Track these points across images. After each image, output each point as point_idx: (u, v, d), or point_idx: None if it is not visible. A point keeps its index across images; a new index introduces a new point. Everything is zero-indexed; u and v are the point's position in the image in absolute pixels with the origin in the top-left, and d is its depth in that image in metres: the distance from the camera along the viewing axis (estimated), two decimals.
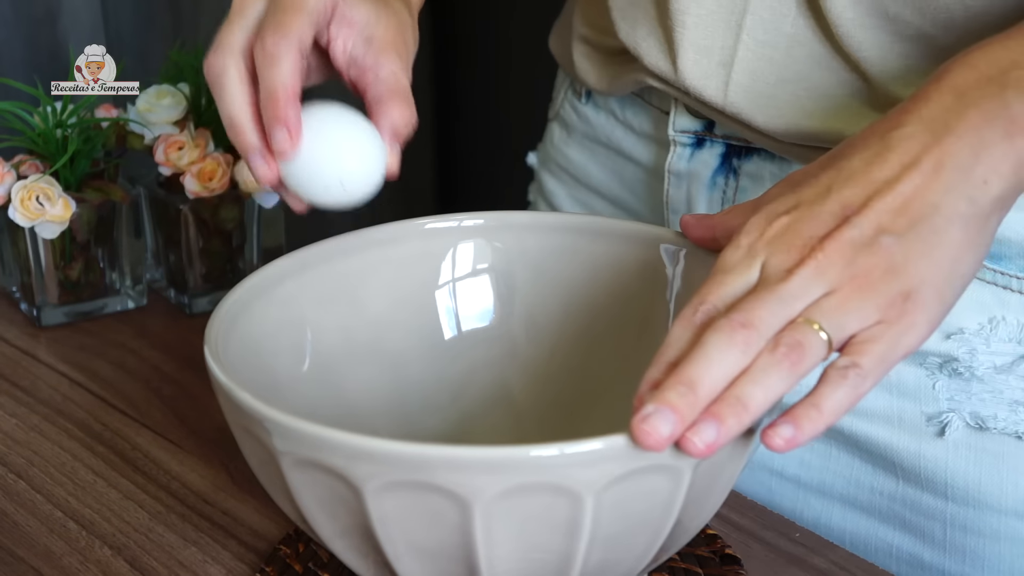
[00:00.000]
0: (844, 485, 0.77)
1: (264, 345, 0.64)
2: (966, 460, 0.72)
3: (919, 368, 0.72)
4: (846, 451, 0.76)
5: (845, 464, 0.76)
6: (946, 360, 0.71)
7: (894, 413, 0.73)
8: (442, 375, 0.70)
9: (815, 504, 0.78)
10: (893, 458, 0.74)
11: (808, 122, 0.71)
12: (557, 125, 0.93)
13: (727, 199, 0.77)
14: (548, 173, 0.94)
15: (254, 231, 0.96)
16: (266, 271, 0.66)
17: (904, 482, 0.74)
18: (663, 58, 0.75)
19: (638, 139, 0.84)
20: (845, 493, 0.77)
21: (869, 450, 0.75)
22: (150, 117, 0.94)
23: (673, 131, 0.79)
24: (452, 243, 0.70)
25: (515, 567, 0.53)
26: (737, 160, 0.77)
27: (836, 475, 0.77)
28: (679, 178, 0.79)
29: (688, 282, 0.67)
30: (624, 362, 0.69)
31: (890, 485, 0.75)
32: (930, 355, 0.71)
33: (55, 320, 0.94)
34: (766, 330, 0.51)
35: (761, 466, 0.79)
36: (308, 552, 0.68)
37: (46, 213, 0.89)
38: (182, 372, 0.88)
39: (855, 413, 0.74)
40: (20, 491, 0.75)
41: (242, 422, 0.54)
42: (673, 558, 0.67)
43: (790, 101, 0.71)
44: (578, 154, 0.90)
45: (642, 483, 0.51)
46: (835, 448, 0.76)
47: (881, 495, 0.75)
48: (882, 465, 0.75)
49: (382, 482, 0.50)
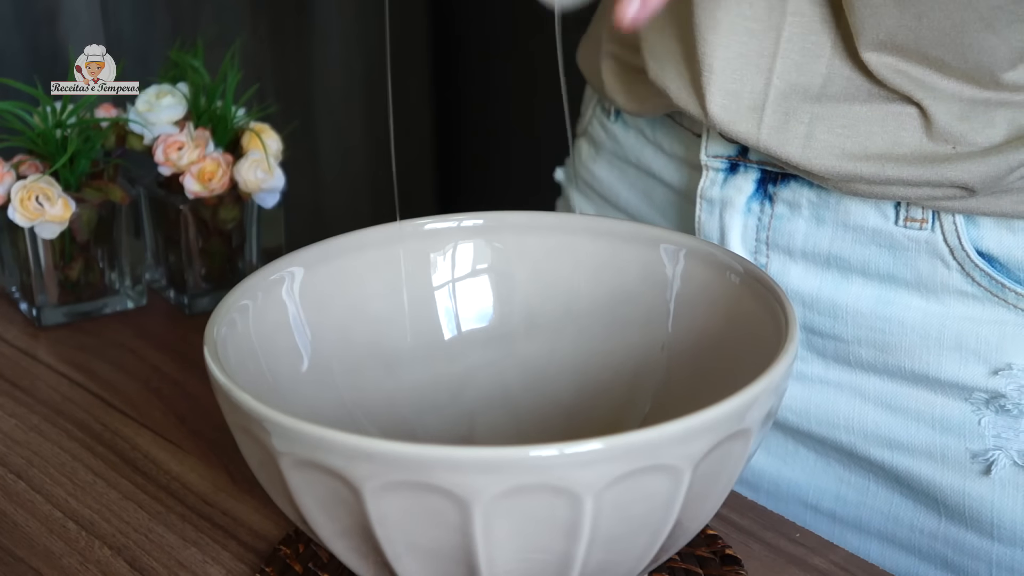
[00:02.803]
0: (882, 521, 0.75)
1: (264, 345, 0.64)
2: (1013, 499, 0.69)
3: (964, 403, 0.70)
4: (885, 486, 0.74)
5: (884, 500, 0.74)
6: (993, 396, 0.69)
7: (937, 449, 0.71)
8: (442, 375, 0.70)
9: (852, 540, 0.76)
10: (936, 495, 0.72)
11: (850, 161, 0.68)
12: (585, 142, 0.89)
13: (762, 226, 0.74)
14: (576, 190, 0.90)
15: (254, 231, 0.96)
16: (266, 271, 0.66)
17: (947, 520, 0.72)
18: (692, 100, 0.71)
19: (669, 161, 0.81)
20: (883, 529, 0.75)
21: (910, 485, 0.73)
22: (150, 117, 0.94)
23: (706, 156, 0.75)
24: (452, 243, 0.70)
25: (515, 567, 0.53)
26: (773, 186, 0.73)
27: (874, 511, 0.75)
28: (711, 204, 0.75)
29: (688, 282, 0.67)
30: (624, 362, 0.69)
31: (931, 523, 0.73)
32: (976, 390, 0.69)
33: (55, 320, 0.94)
34: None
35: (795, 499, 0.78)
36: (308, 552, 0.68)
37: (46, 213, 0.89)
38: (182, 372, 0.88)
39: (896, 447, 0.72)
40: (20, 491, 0.75)
41: (242, 422, 0.54)
42: (673, 558, 0.67)
43: (828, 139, 0.68)
44: (606, 173, 0.86)
45: (642, 483, 0.51)
46: (873, 483, 0.74)
47: (922, 532, 0.73)
48: (923, 501, 0.73)
49: (381, 482, 0.50)
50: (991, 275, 0.68)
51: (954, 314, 0.69)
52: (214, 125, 0.94)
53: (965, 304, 0.69)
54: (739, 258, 0.65)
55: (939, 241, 0.69)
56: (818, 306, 0.73)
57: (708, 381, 0.64)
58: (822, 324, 0.73)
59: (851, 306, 0.72)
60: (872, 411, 0.73)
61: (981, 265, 0.68)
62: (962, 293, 0.69)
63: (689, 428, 0.50)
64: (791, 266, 0.73)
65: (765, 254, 0.74)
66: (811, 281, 0.73)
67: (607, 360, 0.69)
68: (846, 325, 0.72)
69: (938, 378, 0.70)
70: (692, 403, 0.54)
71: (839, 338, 0.73)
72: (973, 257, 0.68)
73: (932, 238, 0.69)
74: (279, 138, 0.95)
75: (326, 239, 0.68)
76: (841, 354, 0.73)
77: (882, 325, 0.71)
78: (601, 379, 0.69)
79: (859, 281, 0.71)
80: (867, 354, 0.72)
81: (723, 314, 0.65)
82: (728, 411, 0.52)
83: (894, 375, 0.72)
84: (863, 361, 0.72)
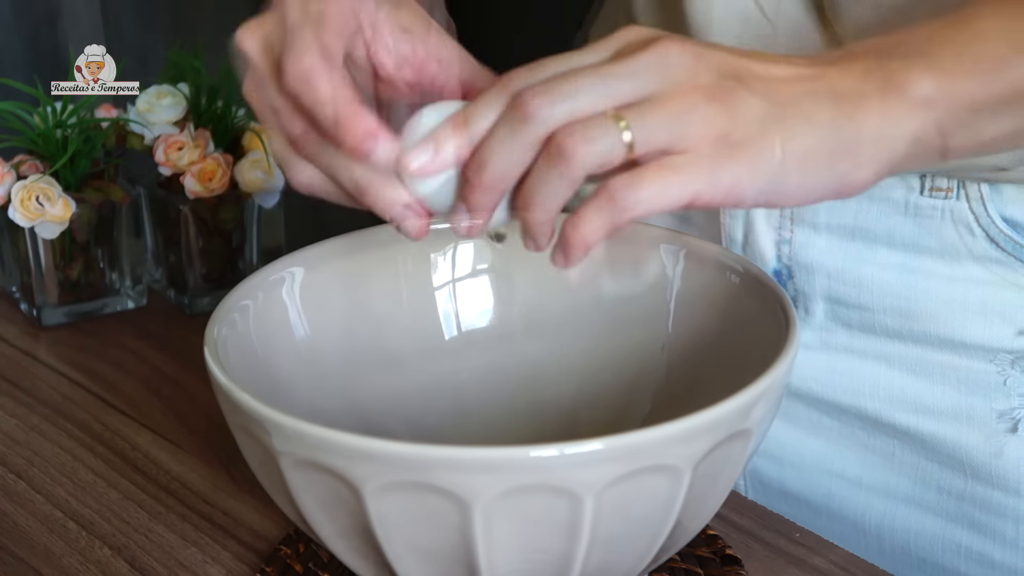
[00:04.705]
0: (908, 485, 0.76)
1: (264, 345, 0.64)
2: None
3: (990, 365, 0.71)
4: (910, 450, 0.75)
5: (909, 464, 0.75)
6: (1018, 356, 0.71)
7: (963, 410, 0.72)
8: (442, 375, 0.70)
9: (878, 506, 0.77)
10: (962, 456, 0.73)
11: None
12: None
13: (784, 227, 0.75)
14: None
15: (254, 231, 0.96)
16: (266, 271, 0.66)
17: (973, 480, 0.73)
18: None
19: None
20: (909, 493, 0.76)
21: (936, 448, 0.74)
22: (150, 117, 0.94)
23: None
24: (452, 243, 0.70)
25: (515, 567, 0.53)
26: None
27: (900, 475, 0.76)
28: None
29: (688, 282, 0.67)
30: (624, 362, 0.69)
31: (958, 484, 0.74)
32: (1001, 352, 0.71)
33: (55, 320, 0.94)
34: (561, 107, 0.49)
35: (819, 469, 0.79)
36: (308, 552, 0.68)
37: (46, 213, 0.89)
38: (182, 372, 0.88)
39: (922, 411, 0.74)
40: (20, 491, 0.75)
41: (242, 422, 0.54)
42: (673, 558, 0.67)
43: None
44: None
45: (642, 484, 0.51)
46: (898, 448, 0.75)
47: (948, 494, 0.74)
48: (949, 463, 0.74)
49: (382, 482, 0.50)
50: (1016, 240, 0.70)
51: (979, 279, 0.71)
52: (214, 125, 0.94)
53: (989, 269, 0.70)
54: (739, 258, 0.65)
55: (964, 209, 0.70)
56: (843, 277, 0.74)
57: (708, 381, 0.64)
58: (847, 294, 0.74)
59: (876, 276, 0.73)
60: (897, 377, 0.74)
61: (1006, 231, 0.70)
62: (987, 258, 0.70)
63: (689, 428, 0.50)
64: (815, 239, 0.74)
65: (789, 229, 0.75)
66: (836, 253, 0.74)
67: (607, 360, 0.69)
68: (871, 294, 0.73)
69: (963, 341, 0.72)
70: (692, 403, 0.54)
71: (864, 307, 0.74)
72: (998, 223, 0.69)
73: (957, 206, 0.70)
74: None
75: (326, 239, 0.68)
76: (866, 323, 0.74)
77: (907, 293, 0.72)
78: (601, 379, 0.69)
79: (884, 251, 0.72)
80: (892, 322, 0.73)
81: (723, 314, 0.65)
82: (728, 411, 0.51)
83: (919, 341, 0.73)
84: (888, 329, 0.74)
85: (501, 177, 0.51)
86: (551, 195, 0.50)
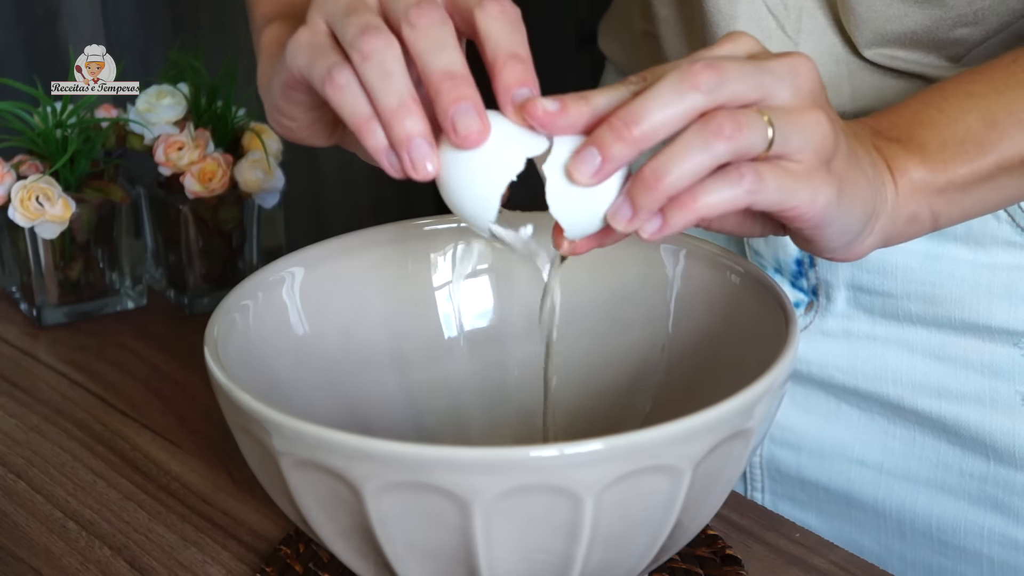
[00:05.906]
0: (930, 469, 0.76)
1: (264, 345, 0.64)
2: None
3: (1014, 348, 0.72)
4: (932, 435, 0.76)
5: (931, 448, 0.76)
6: None
7: (987, 393, 0.73)
8: (442, 375, 0.70)
9: (899, 491, 0.78)
10: (985, 439, 0.74)
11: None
12: None
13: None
14: None
15: (254, 231, 0.96)
16: (266, 271, 0.65)
17: (996, 462, 0.74)
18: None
19: None
20: (931, 477, 0.76)
21: (958, 432, 0.74)
22: (150, 117, 0.94)
23: None
24: (452, 243, 0.70)
25: (515, 568, 0.53)
26: None
27: (922, 460, 0.76)
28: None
29: (688, 282, 0.67)
30: (624, 362, 0.69)
31: (980, 466, 0.74)
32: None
33: (55, 320, 0.94)
34: (726, 87, 0.50)
35: (840, 456, 0.79)
36: (308, 552, 0.68)
37: (46, 213, 0.89)
38: (182, 372, 0.88)
39: (945, 395, 0.74)
40: (20, 491, 0.75)
41: (242, 422, 0.54)
42: (673, 558, 0.67)
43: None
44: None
45: (642, 484, 0.51)
46: (920, 433, 0.76)
47: (971, 477, 0.75)
48: (972, 447, 0.74)
49: (382, 482, 0.50)
50: None
51: (1003, 264, 0.71)
52: (214, 125, 0.94)
53: (1014, 254, 0.71)
54: (739, 258, 0.65)
55: None
56: (867, 264, 0.74)
57: (708, 382, 0.64)
58: (871, 282, 0.75)
59: (900, 262, 0.73)
60: (920, 362, 0.75)
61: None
62: (1011, 243, 0.71)
63: (689, 428, 0.50)
64: None
65: None
66: None
67: (607, 360, 0.69)
68: (896, 280, 0.74)
69: (988, 325, 0.72)
70: (692, 403, 0.54)
71: (888, 294, 0.74)
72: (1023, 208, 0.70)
73: None
74: (279, 138, 0.95)
75: (326, 239, 0.68)
76: (889, 309, 0.75)
77: (932, 278, 0.73)
78: (601, 379, 0.69)
79: None
80: (916, 307, 0.74)
81: (723, 314, 0.65)
82: (728, 411, 0.52)
83: (943, 326, 0.74)
84: (912, 315, 0.74)
85: (658, 131, 0.50)
86: (690, 168, 0.50)
